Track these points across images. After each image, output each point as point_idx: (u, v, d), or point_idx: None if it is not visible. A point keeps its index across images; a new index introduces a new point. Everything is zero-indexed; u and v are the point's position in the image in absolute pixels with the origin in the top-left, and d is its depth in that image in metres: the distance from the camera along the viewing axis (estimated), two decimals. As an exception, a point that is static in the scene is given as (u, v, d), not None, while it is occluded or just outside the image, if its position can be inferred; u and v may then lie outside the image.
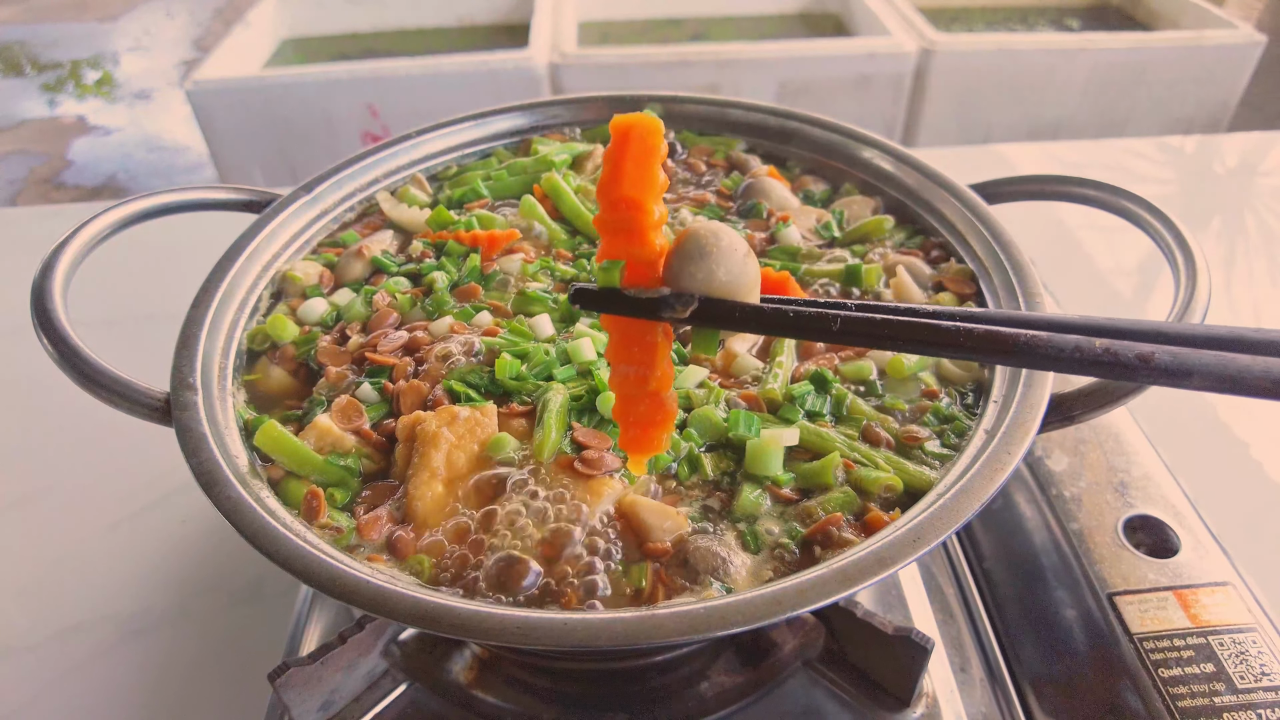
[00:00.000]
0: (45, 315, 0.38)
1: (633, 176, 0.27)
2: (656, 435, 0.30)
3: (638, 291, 0.28)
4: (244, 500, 0.32)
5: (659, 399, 0.30)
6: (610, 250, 0.28)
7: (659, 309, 0.28)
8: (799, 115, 0.57)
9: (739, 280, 0.28)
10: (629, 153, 0.27)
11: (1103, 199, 0.46)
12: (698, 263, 0.27)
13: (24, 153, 2.36)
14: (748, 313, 0.28)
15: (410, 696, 0.39)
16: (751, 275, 0.28)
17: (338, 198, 0.52)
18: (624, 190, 0.27)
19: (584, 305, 0.29)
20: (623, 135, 0.27)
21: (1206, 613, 0.40)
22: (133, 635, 0.49)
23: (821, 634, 0.40)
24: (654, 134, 0.27)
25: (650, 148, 0.27)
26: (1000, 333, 0.24)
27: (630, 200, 0.27)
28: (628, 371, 0.29)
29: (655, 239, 0.28)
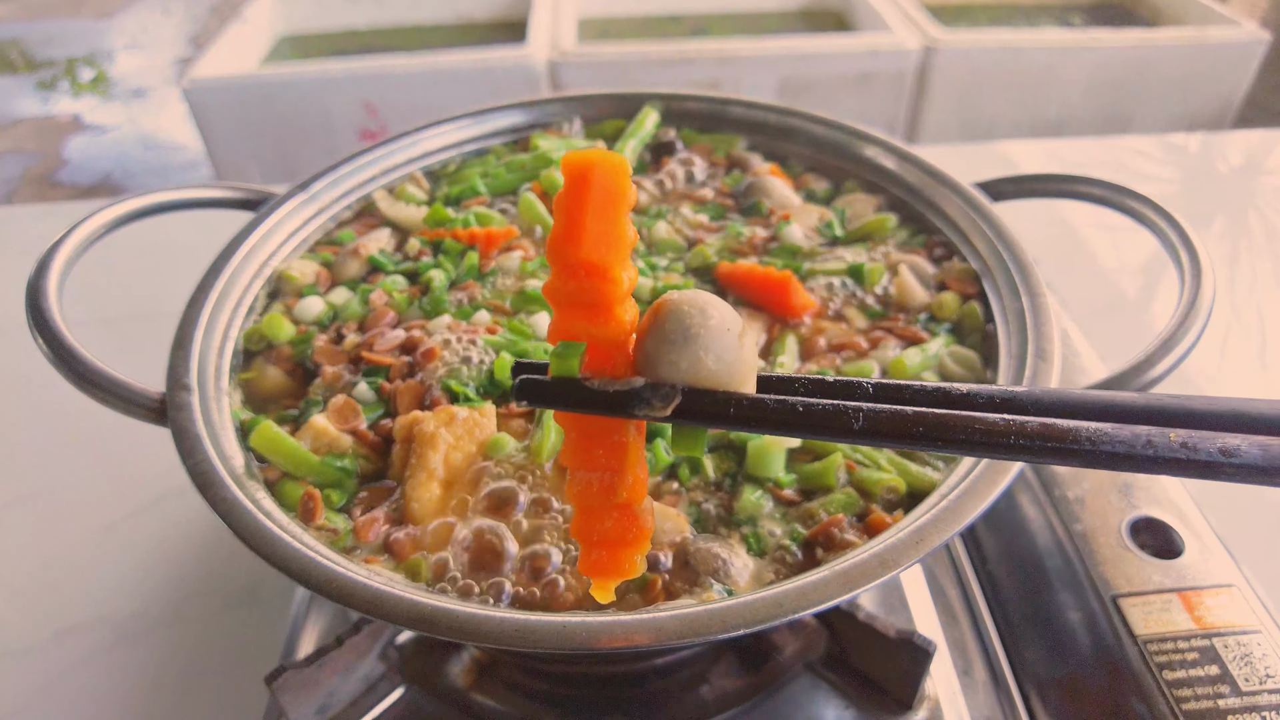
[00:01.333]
0: (40, 314, 0.38)
1: (594, 233, 0.21)
2: (626, 557, 0.23)
3: (603, 383, 0.22)
4: (240, 502, 0.31)
5: (630, 512, 0.23)
6: (565, 328, 0.22)
7: (630, 405, 0.22)
8: (800, 113, 0.56)
9: (733, 368, 0.22)
10: (589, 202, 0.21)
11: (1107, 197, 0.46)
12: (680, 348, 0.21)
13: (19, 151, 2.35)
14: (746, 408, 0.22)
15: (408, 700, 0.39)
16: (748, 360, 0.23)
17: (334, 196, 0.52)
18: (583, 252, 0.21)
19: (532, 400, 0.23)
20: (580, 178, 0.21)
21: (1211, 615, 0.39)
22: (129, 637, 0.48)
23: (823, 637, 0.40)
24: (619, 175, 0.21)
25: (615, 194, 0.21)
26: (1057, 427, 0.19)
27: (591, 265, 0.21)
28: (589, 479, 0.23)
29: (624, 313, 0.22)
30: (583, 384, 0.22)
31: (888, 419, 0.21)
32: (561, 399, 0.23)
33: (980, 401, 0.21)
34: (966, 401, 0.21)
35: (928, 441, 0.20)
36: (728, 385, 0.22)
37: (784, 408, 0.22)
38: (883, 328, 0.44)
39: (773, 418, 0.22)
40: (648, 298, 0.46)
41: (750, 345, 0.23)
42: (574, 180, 0.21)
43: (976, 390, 0.21)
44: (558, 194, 0.21)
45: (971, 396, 0.21)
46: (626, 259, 0.22)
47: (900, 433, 0.20)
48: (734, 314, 0.23)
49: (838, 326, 0.44)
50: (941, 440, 0.20)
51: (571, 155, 0.21)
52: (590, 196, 0.21)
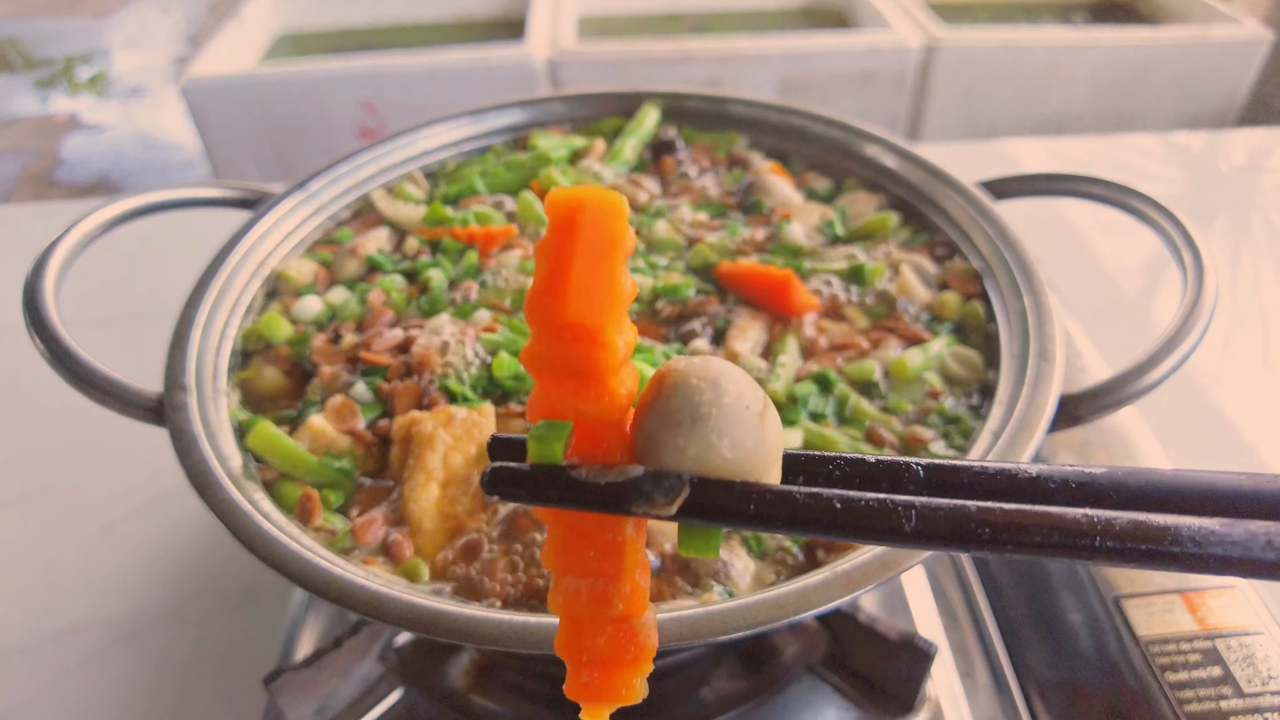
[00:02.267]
0: (37, 314, 0.37)
1: (582, 288, 0.17)
2: (624, 680, 0.19)
3: (592, 472, 0.18)
4: (237, 502, 0.31)
5: (627, 627, 0.18)
6: (548, 403, 0.18)
7: (627, 501, 0.17)
8: (801, 111, 0.56)
9: (753, 455, 0.18)
10: (576, 250, 0.17)
11: (1109, 196, 0.45)
12: (687, 432, 0.17)
13: (16, 150, 2.35)
14: (770, 504, 0.17)
15: (407, 702, 0.39)
16: (772, 444, 0.18)
17: (333, 195, 0.52)
18: (569, 312, 0.17)
19: (506, 494, 0.18)
20: (566, 221, 0.17)
21: (1213, 616, 0.39)
22: (126, 638, 0.48)
23: (825, 638, 0.39)
24: (614, 218, 0.17)
25: (609, 240, 0.17)
26: (1150, 526, 0.15)
27: (578, 328, 0.17)
28: (578, 586, 0.18)
29: (620, 385, 0.18)
30: (569, 474, 0.18)
31: (947, 518, 0.16)
32: (543, 492, 0.18)
33: (1052, 487, 0.17)
34: (1036, 486, 0.17)
35: (996, 545, 0.16)
36: (746, 475, 0.18)
37: (818, 504, 0.17)
38: (884, 327, 0.44)
39: (804, 516, 0.17)
40: (648, 297, 0.46)
41: (774, 426, 0.18)
42: (560, 223, 0.17)
43: (1048, 473, 0.17)
44: (540, 240, 0.18)
45: (1042, 480, 0.17)
46: (622, 319, 0.17)
47: (962, 535, 0.16)
48: (754, 387, 0.19)
49: (839, 326, 0.44)
50: (1013, 544, 0.16)
51: (557, 194, 0.17)
52: (578, 243, 0.17)
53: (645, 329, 0.44)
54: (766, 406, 0.18)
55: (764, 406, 0.18)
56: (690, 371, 0.18)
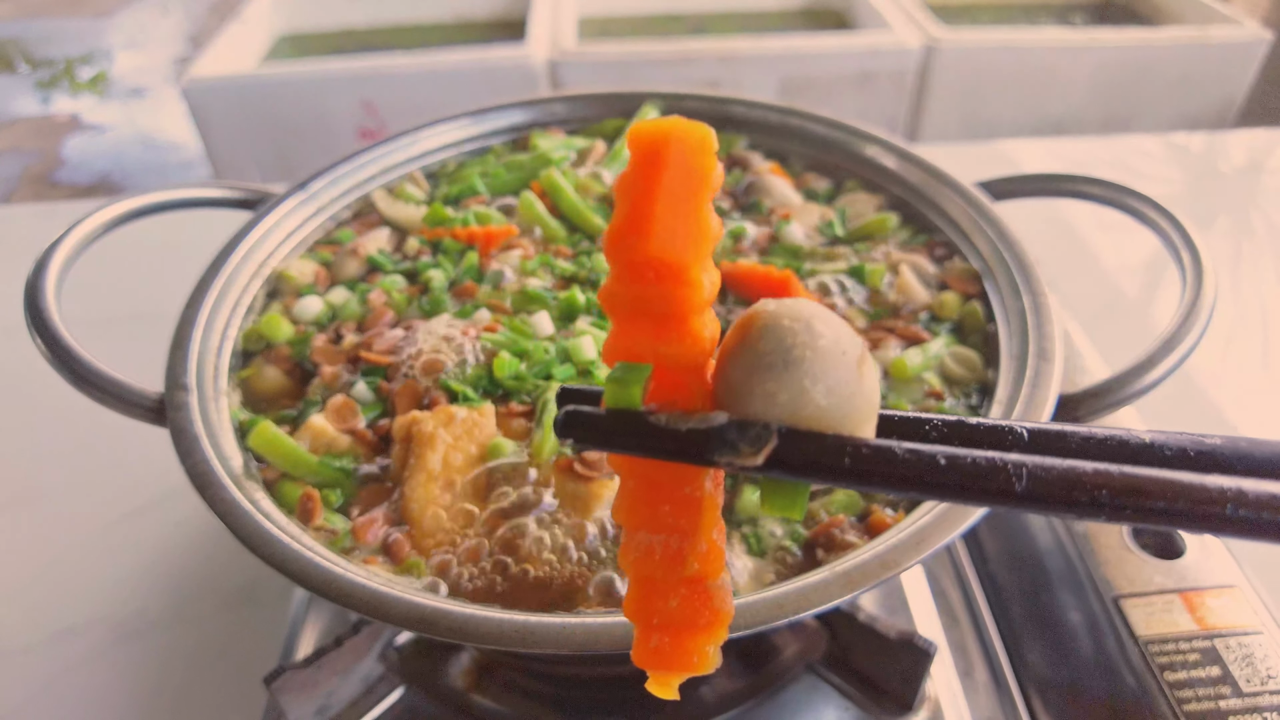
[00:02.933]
0: (38, 314, 0.37)
1: (667, 225, 0.16)
2: (696, 646, 0.17)
3: (673, 418, 0.16)
4: (238, 502, 0.31)
5: (701, 588, 0.17)
6: (626, 345, 0.17)
7: (710, 449, 0.16)
8: (801, 112, 0.56)
9: (849, 404, 0.16)
10: (661, 185, 0.16)
11: (1108, 197, 0.46)
12: (779, 376, 0.16)
13: (17, 150, 2.35)
14: (867, 458, 0.16)
15: (407, 701, 0.39)
16: (869, 395, 0.17)
17: (333, 195, 0.52)
18: (652, 248, 0.16)
19: (581, 439, 0.17)
20: (650, 156, 0.16)
21: (1212, 615, 0.39)
22: (127, 638, 0.48)
23: (824, 638, 0.39)
24: (702, 152, 0.16)
25: (698, 175, 0.16)
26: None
27: (663, 265, 0.16)
28: (650, 543, 0.17)
29: (703, 328, 0.17)
30: (647, 419, 0.16)
31: (1061, 479, 0.15)
32: (619, 438, 0.17)
33: (1168, 454, 0.15)
34: (1151, 454, 0.15)
35: (1114, 511, 0.14)
36: (840, 428, 0.16)
37: (920, 460, 0.15)
38: (884, 328, 0.44)
39: (904, 472, 0.15)
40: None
41: (871, 376, 0.17)
42: (643, 158, 0.16)
43: (1163, 441, 0.15)
44: (620, 176, 0.16)
45: (1157, 448, 0.15)
46: (708, 258, 0.16)
47: (1076, 498, 0.14)
48: (850, 332, 0.17)
49: (838, 326, 0.44)
50: (1133, 510, 0.14)
51: (641, 126, 0.16)
52: (664, 178, 0.16)
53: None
54: (864, 354, 0.17)
55: (862, 353, 0.17)
56: (782, 312, 0.17)
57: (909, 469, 0.16)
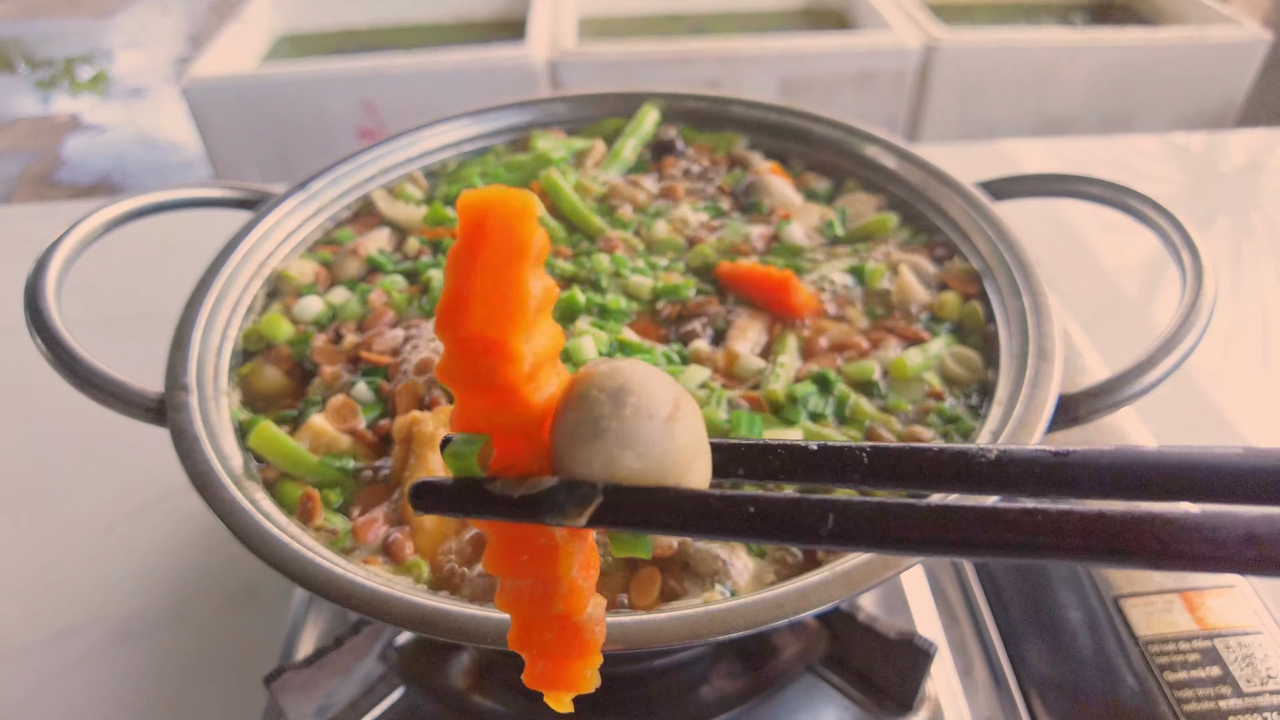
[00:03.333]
0: (38, 314, 0.37)
1: (484, 300, 0.16)
2: (575, 671, 0.19)
3: (506, 485, 0.18)
4: (238, 502, 0.31)
5: (569, 623, 0.19)
6: (466, 415, 0.18)
7: (540, 511, 0.17)
8: (801, 112, 0.56)
9: (662, 462, 0.17)
10: (480, 260, 0.16)
11: (1108, 197, 0.46)
12: (591, 445, 0.17)
13: (17, 150, 2.35)
14: (684, 509, 0.17)
15: (407, 701, 0.39)
16: (686, 446, 0.18)
17: (333, 195, 0.52)
18: (472, 325, 0.16)
19: (431, 508, 0.18)
20: (475, 227, 0.17)
21: (1213, 615, 0.39)
22: (127, 638, 0.48)
23: (824, 638, 0.39)
24: (520, 220, 0.16)
25: (513, 247, 0.16)
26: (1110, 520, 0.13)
27: (485, 340, 0.16)
28: (519, 587, 0.19)
29: (533, 394, 0.17)
30: (485, 487, 0.18)
31: (869, 518, 0.15)
32: (462, 506, 0.18)
33: (1014, 473, 0.15)
34: (997, 472, 0.15)
35: (922, 547, 0.15)
36: (662, 480, 0.17)
37: (732, 507, 0.16)
38: (884, 328, 0.44)
39: (719, 522, 0.17)
40: (647, 298, 0.46)
41: (686, 429, 0.18)
42: (467, 230, 0.17)
43: (1010, 456, 0.15)
44: (450, 249, 0.17)
45: (1004, 464, 0.15)
46: (532, 327, 0.17)
47: (884, 536, 0.15)
48: (663, 391, 0.18)
49: (839, 326, 0.44)
50: (942, 545, 0.14)
51: (465, 198, 0.17)
52: (483, 252, 0.16)
53: (645, 329, 0.44)
54: (677, 409, 0.18)
55: (672, 410, 0.18)
56: (591, 383, 0.18)
57: (722, 518, 0.17)
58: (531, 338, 0.17)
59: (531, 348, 0.17)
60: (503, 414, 0.18)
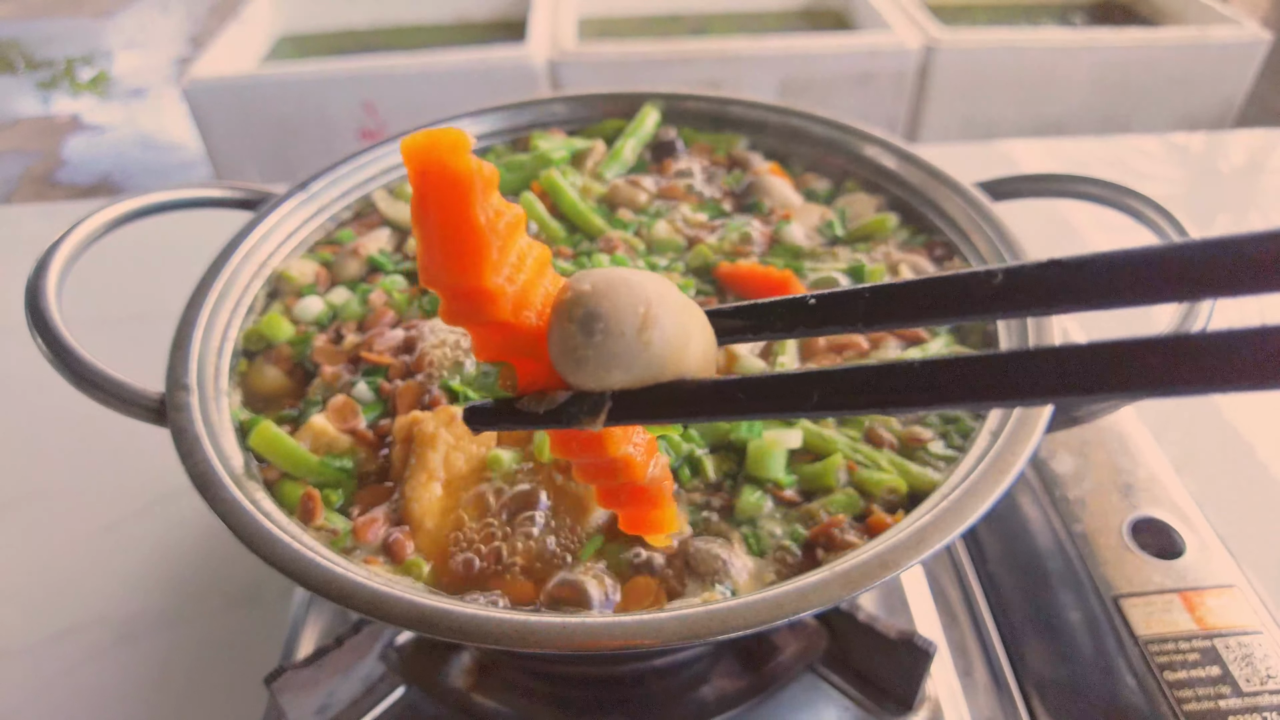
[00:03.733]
0: (39, 314, 0.37)
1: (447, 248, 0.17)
2: (657, 517, 0.24)
3: (529, 402, 0.20)
4: (239, 502, 0.31)
5: (636, 486, 0.23)
6: (483, 346, 0.20)
7: (565, 420, 0.20)
8: (801, 112, 0.56)
9: (650, 368, 0.18)
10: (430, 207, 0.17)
11: (1108, 197, 0.46)
12: (579, 372, 0.19)
13: (18, 151, 2.35)
14: (684, 398, 0.19)
15: (408, 700, 0.39)
16: (666, 346, 0.19)
17: (334, 196, 0.52)
18: (444, 277, 0.18)
19: (481, 425, 0.22)
20: (419, 176, 0.18)
21: (1212, 615, 0.39)
22: (127, 638, 0.48)
23: (824, 637, 0.39)
24: (454, 157, 0.17)
25: (455, 186, 0.17)
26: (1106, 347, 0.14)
27: (461, 289, 0.18)
28: (585, 463, 0.23)
29: (529, 319, 0.19)
30: (514, 405, 0.20)
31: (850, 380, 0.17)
32: (502, 422, 0.21)
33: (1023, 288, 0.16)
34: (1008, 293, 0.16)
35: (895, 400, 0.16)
36: (659, 379, 0.19)
37: (725, 394, 0.19)
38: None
39: (718, 408, 0.19)
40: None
41: (666, 324, 0.19)
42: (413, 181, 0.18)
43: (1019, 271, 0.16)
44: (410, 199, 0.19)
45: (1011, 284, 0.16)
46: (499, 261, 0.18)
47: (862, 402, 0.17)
48: (630, 303, 0.18)
49: (838, 326, 0.44)
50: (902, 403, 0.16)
51: (403, 146, 0.17)
52: (429, 200, 0.17)
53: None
54: (648, 317, 0.18)
55: (643, 320, 0.18)
56: (563, 313, 0.19)
57: (718, 403, 0.19)
58: (502, 268, 0.18)
59: (507, 276, 0.18)
60: (509, 342, 0.20)
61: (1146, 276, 0.15)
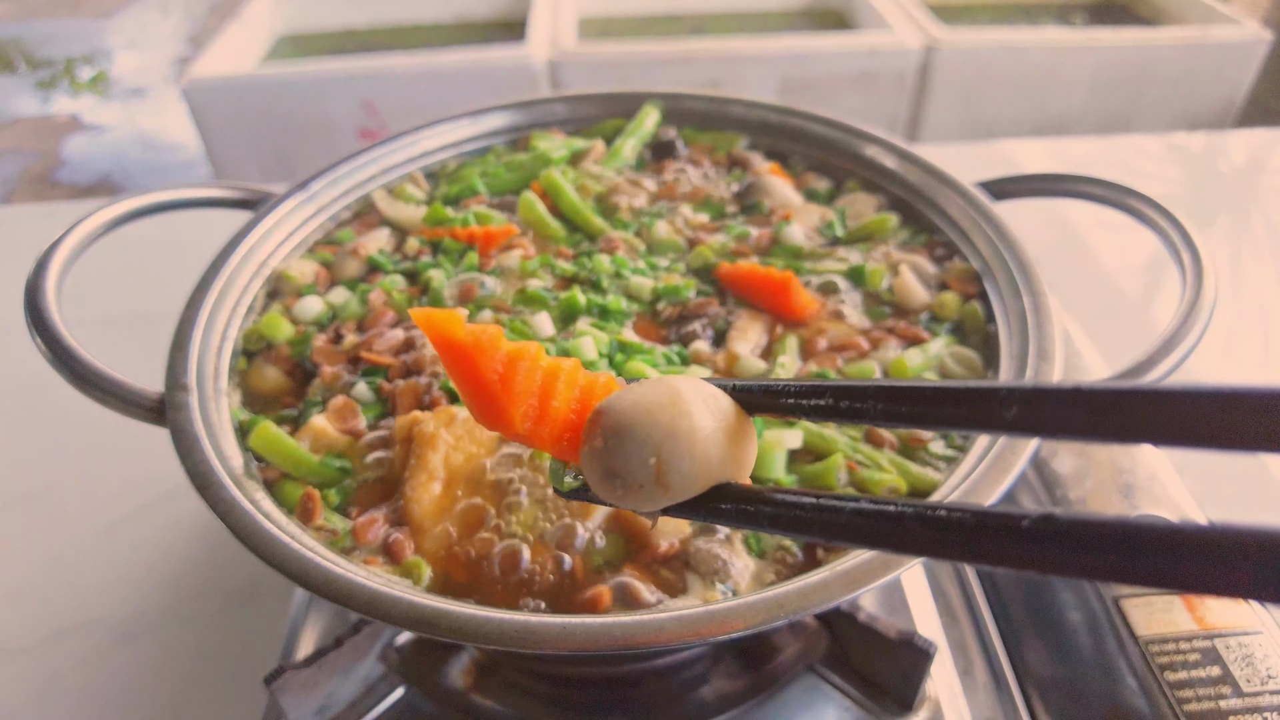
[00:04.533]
0: (39, 314, 0.37)
1: (476, 406, 0.22)
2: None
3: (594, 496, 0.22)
4: (239, 502, 0.31)
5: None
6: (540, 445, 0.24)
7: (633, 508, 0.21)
8: (801, 112, 0.56)
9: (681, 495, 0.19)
10: (452, 370, 0.22)
11: (1108, 197, 0.46)
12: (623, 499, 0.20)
13: (17, 151, 2.35)
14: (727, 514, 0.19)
15: (407, 701, 0.39)
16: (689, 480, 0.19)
17: (333, 195, 0.52)
18: (484, 423, 0.23)
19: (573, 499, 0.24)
20: (436, 345, 0.22)
21: (1212, 615, 0.39)
22: (127, 638, 0.48)
23: (824, 637, 0.39)
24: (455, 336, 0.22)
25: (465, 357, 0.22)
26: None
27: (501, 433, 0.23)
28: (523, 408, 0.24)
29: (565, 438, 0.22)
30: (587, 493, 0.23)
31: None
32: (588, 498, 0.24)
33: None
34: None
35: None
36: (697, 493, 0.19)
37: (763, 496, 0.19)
38: (884, 328, 0.44)
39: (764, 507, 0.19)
40: (648, 299, 0.46)
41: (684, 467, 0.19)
42: (433, 344, 0.23)
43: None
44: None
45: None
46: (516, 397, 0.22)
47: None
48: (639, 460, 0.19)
49: (839, 326, 0.44)
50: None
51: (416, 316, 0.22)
52: (448, 365, 0.22)
53: (646, 330, 0.44)
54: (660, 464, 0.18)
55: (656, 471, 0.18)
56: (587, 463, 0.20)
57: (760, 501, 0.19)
58: (524, 409, 0.22)
59: (533, 417, 0.22)
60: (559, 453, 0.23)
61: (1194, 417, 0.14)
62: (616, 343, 0.41)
